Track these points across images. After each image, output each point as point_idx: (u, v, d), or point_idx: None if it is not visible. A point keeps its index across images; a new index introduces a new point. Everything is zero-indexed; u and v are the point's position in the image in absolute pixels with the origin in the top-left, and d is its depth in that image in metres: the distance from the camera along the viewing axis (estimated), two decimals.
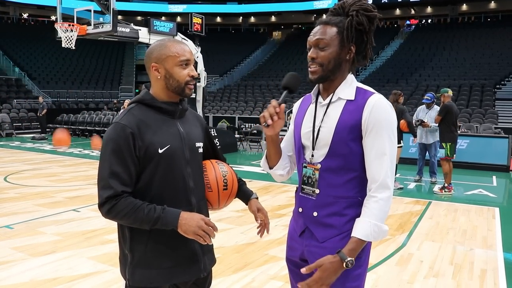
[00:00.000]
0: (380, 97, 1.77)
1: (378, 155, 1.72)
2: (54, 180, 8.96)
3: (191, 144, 1.94)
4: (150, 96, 1.90)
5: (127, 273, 1.88)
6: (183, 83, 1.87)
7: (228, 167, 2.09)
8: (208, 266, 2.01)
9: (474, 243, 5.27)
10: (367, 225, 1.69)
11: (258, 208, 2.11)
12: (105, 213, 1.77)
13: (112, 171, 1.74)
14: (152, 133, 1.82)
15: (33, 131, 20.46)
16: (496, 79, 23.23)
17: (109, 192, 1.73)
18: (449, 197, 7.88)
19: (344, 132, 1.74)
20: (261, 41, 40.90)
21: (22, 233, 5.34)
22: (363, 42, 1.80)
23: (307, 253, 1.87)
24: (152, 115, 1.86)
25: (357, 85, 1.82)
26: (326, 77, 1.81)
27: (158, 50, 1.87)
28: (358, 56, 1.83)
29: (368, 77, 27.75)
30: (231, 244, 4.99)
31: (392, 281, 4.07)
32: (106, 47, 35.21)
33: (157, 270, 1.85)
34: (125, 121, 1.79)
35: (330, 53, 1.77)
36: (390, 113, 1.75)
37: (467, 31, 32.65)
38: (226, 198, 2.04)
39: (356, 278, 1.78)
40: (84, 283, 3.89)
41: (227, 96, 27.39)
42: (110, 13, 10.97)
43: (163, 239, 1.84)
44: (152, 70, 1.87)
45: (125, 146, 1.76)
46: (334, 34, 1.77)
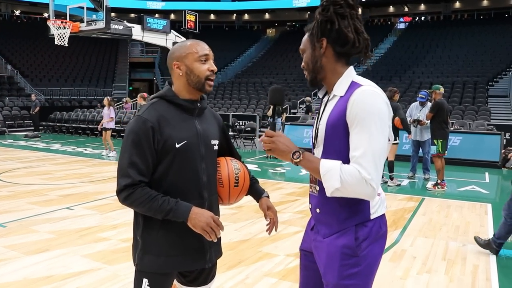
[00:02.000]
0: (365, 88, 1.71)
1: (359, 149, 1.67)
2: (47, 178, 8.92)
3: (206, 141, 2.04)
4: (172, 93, 2.01)
5: (136, 258, 2.01)
6: (203, 78, 1.98)
7: (242, 165, 2.19)
8: (214, 257, 2.12)
9: (466, 239, 5.30)
10: (334, 165, 1.68)
11: (268, 206, 2.23)
12: (122, 199, 1.87)
13: (131, 161, 1.85)
14: (171, 128, 1.92)
15: (26, 129, 20.35)
16: (489, 76, 23.35)
17: (127, 180, 1.84)
18: (442, 193, 7.92)
19: (334, 129, 1.76)
20: (255, 38, 40.83)
21: (15, 232, 5.31)
22: (332, 31, 1.77)
23: (314, 247, 1.95)
24: (172, 111, 1.97)
25: (353, 79, 1.80)
26: (314, 78, 1.88)
27: (179, 49, 2.00)
28: (336, 46, 1.79)
29: (362, 74, 27.49)
30: (225, 241, 4.98)
31: (385, 277, 4.09)
32: (100, 44, 35.02)
33: (165, 258, 1.96)
34: (147, 115, 1.90)
35: (306, 57, 1.87)
36: (373, 104, 1.68)
37: (460, 29, 32.78)
38: (237, 194, 2.14)
39: (353, 276, 1.78)
40: (78, 281, 3.88)
41: (221, 93, 27.35)
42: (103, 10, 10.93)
43: (173, 229, 1.94)
44: (174, 68, 1.99)
45: (144, 138, 1.87)
46: (306, 38, 1.88)
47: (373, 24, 39.28)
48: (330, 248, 1.82)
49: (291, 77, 27.81)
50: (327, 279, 1.83)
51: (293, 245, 4.79)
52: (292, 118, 17.37)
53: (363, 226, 1.80)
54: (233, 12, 42.86)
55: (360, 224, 1.80)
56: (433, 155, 8.12)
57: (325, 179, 1.68)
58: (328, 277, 1.82)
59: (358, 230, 1.79)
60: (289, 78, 27.79)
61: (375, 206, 1.83)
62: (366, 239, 1.79)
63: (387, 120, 1.71)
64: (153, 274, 1.97)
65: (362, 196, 1.68)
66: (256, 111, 20.99)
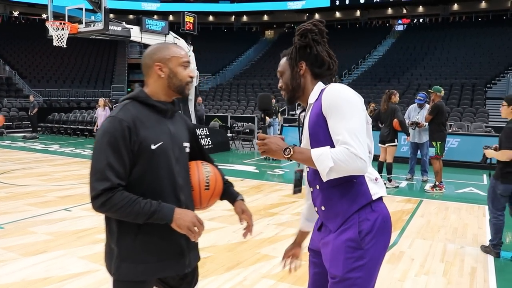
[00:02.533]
0: (332, 85, 1.90)
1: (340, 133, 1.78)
2: (45, 179, 8.90)
3: (179, 144, 2.01)
4: (144, 94, 1.97)
5: (113, 267, 1.91)
6: (184, 83, 1.98)
7: (213, 168, 2.14)
8: (193, 262, 2.05)
9: (464, 241, 5.31)
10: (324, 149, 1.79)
11: (243, 210, 2.17)
12: (99, 205, 1.78)
13: (108, 163, 1.78)
14: (146, 129, 1.88)
15: (24, 130, 20.32)
16: (487, 78, 23.40)
17: (106, 184, 1.76)
18: (440, 195, 7.93)
19: (315, 126, 1.90)
20: (253, 40, 40.89)
21: (13, 233, 5.30)
22: (310, 55, 1.98)
23: (322, 245, 2.02)
24: (145, 112, 1.93)
25: (321, 87, 1.97)
26: (292, 97, 2.06)
27: (161, 50, 1.97)
28: (314, 68, 2.00)
29: (360, 76, 27.84)
30: (223, 243, 5.00)
31: (383, 279, 4.09)
32: (98, 45, 34.99)
33: (143, 265, 1.89)
34: (121, 115, 1.85)
35: (285, 78, 2.05)
36: (340, 92, 1.84)
37: (458, 31, 32.86)
38: (208, 198, 2.10)
39: (358, 269, 1.85)
40: (76, 283, 3.88)
41: (220, 95, 27.36)
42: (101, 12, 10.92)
43: (151, 235, 1.89)
44: (156, 69, 1.95)
45: (121, 139, 1.81)
46: (284, 62, 2.06)
47: (371, 26, 39.37)
48: (335, 242, 1.90)
49: None
50: (332, 272, 1.89)
51: None
52: (290, 119, 17.37)
53: (366, 220, 1.87)
54: (231, 13, 42.92)
55: (363, 216, 1.87)
56: (431, 157, 8.13)
57: (319, 162, 1.77)
58: (334, 270, 1.88)
59: (362, 224, 1.87)
60: None
61: (374, 188, 1.92)
62: (370, 232, 1.87)
63: (358, 104, 1.85)
64: (131, 282, 1.89)
65: (356, 170, 1.76)
66: (255, 112, 20.98)
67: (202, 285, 3.85)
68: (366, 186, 1.90)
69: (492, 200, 4.80)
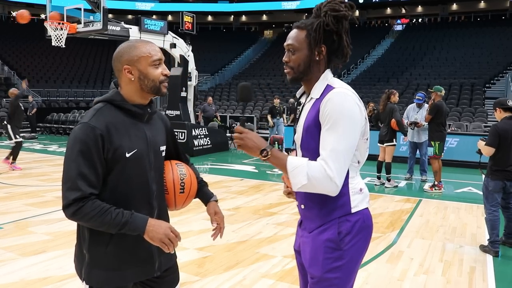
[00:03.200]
0: (337, 90, 1.78)
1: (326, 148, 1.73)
2: (44, 179, 8.90)
3: (155, 148, 1.96)
4: (120, 97, 1.88)
5: (83, 273, 1.88)
6: (158, 82, 1.87)
7: (188, 169, 2.11)
8: (164, 265, 2.02)
9: (463, 241, 5.32)
10: (301, 162, 1.74)
11: (215, 211, 2.16)
12: (70, 215, 1.74)
13: (80, 172, 1.72)
14: (121, 136, 1.81)
15: (23, 130, 20.27)
16: (486, 78, 23.42)
17: (77, 194, 1.71)
18: (439, 195, 7.94)
19: (309, 130, 1.83)
20: (252, 39, 40.87)
21: (12, 233, 5.30)
22: (334, 42, 1.85)
23: (301, 243, 2.00)
24: (121, 117, 1.85)
25: (328, 82, 1.86)
26: (299, 78, 1.92)
27: (128, 51, 1.85)
28: (332, 56, 1.88)
29: (359, 76, 27.85)
30: (222, 243, 4.99)
31: (383, 279, 4.10)
32: (97, 45, 34.97)
33: (114, 272, 1.87)
34: (94, 122, 1.77)
35: (299, 57, 1.86)
36: (343, 105, 1.74)
37: (457, 31, 32.89)
38: (183, 201, 2.07)
39: (336, 270, 1.83)
40: (74, 283, 3.87)
41: (219, 95, 27.35)
42: (100, 12, 10.91)
43: (123, 242, 1.85)
44: (125, 73, 1.84)
45: (94, 147, 1.74)
46: (303, 37, 1.85)
47: (370, 26, 39.38)
48: (315, 242, 1.88)
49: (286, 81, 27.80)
50: (311, 272, 1.88)
51: (290, 247, 4.78)
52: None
53: (346, 221, 1.84)
54: (230, 13, 42.89)
55: (343, 218, 1.84)
56: (430, 157, 8.13)
57: (292, 175, 1.73)
58: (313, 270, 1.87)
59: (341, 224, 1.84)
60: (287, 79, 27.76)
61: (355, 201, 1.87)
62: (349, 233, 1.84)
63: (357, 120, 1.77)
64: None
65: (326, 192, 1.74)
66: (254, 112, 20.99)
67: (201, 284, 3.86)
68: (348, 198, 1.85)
69: (486, 197, 4.94)
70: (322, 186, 1.72)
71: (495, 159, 4.86)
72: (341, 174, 1.73)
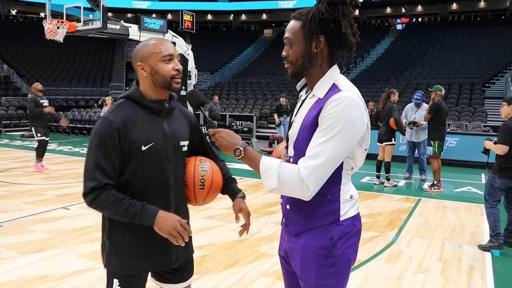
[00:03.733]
0: (344, 94, 1.65)
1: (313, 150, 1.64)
2: (44, 178, 8.89)
3: (175, 143, 2.00)
4: (139, 93, 1.97)
5: (104, 258, 2.01)
6: (169, 78, 1.93)
7: (212, 166, 2.11)
8: (181, 257, 2.08)
9: (462, 240, 5.32)
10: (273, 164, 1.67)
11: (240, 208, 2.15)
12: (88, 203, 1.86)
13: (97, 163, 1.83)
14: (137, 130, 1.89)
15: (22, 128, 20.27)
16: (485, 77, 23.41)
17: (93, 183, 1.82)
18: (439, 194, 7.94)
19: (306, 129, 1.72)
20: (252, 38, 40.83)
21: (11, 231, 5.30)
22: (333, 31, 1.69)
23: (288, 248, 1.91)
24: (139, 112, 1.94)
25: (334, 81, 1.73)
26: (299, 73, 1.79)
27: (141, 49, 1.96)
28: (333, 47, 1.73)
29: (359, 75, 27.85)
30: (221, 241, 5.00)
31: (381, 278, 4.10)
32: (96, 44, 34.93)
33: (130, 260, 1.96)
34: (112, 117, 1.87)
35: (296, 50, 1.74)
36: (344, 111, 1.62)
37: (457, 30, 32.88)
38: (203, 197, 2.08)
39: (330, 276, 1.77)
40: (74, 281, 3.88)
41: (218, 93, 27.31)
42: (100, 10, 10.89)
43: (139, 232, 1.93)
44: (139, 70, 1.95)
45: (110, 140, 1.84)
46: (298, 29, 1.72)
47: (370, 25, 39.36)
48: (305, 250, 1.79)
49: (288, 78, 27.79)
50: (304, 281, 1.81)
51: None
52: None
53: (336, 225, 1.77)
54: (230, 12, 42.84)
55: (333, 224, 1.76)
56: (430, 156, 8.14)
57: (264, 177, 1.68)
58: (306, 279, 1.80)
59: (332, 229, 1.76)
60: (286, 78, 27.62)
61: (345, 208, 1.79)
62: (341, 238, 1.77)
63: (356, 129, 1.66)
64: (122, 276, 1.97)
65: (297, 196, 1.67)
66: (253, 111, 20.98)
67: (201, 283, 3.86)
68: (338, 205, 1.77)
69: (489, 193, 5.05)
70: (293, 190, 1.65)
71: (505, 157, 4.91)
72: (318, 181, 1.63)
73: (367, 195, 7.69)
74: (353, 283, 3.90)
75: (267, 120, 20.14)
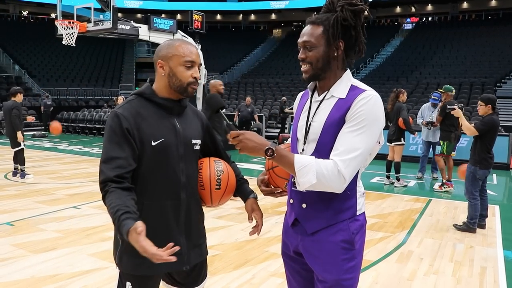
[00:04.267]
0: (370, 93, 1.75)
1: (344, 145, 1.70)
2: (55, 177, 8.96)
3: (186, 141, 1.97)
4: (150, 90, 1.96)
5: (117, 257, 1.96)
6: (185, 83, 1.91)
7: (226, 167, 2.10)
8: (193, 260, 2.04)
9: (474, 241, 5.27)
10: (309, 160, 1.70)
11: (253, 208, 2.12)
12: (102, 197, 1.79)
13: (107, 157, 1.80)
14: (147, 125, 1.87)
15: (33, 128, 20.45)
16: (497, 77, 23.20)
17: (101, 177, 1.79)
18: (449, 194, 7.88)
19: (331, 128, 1.76)
20: (261, 39, 40.85)
21: (23, 230, 5.34)
22: (352, 37, 1.79)
23: (302, 247, 1.91)
24: (150, 108, 1.93)
25: (352, 83, 1.82)
26: (317, 75, 1.84)
27: (166, 48, 1.93)
28: (349, 51, 1.83)
29: (368, 75, 27.74)
30: (231, 241, 5.00)
31: (392, 278, 4.07)
32: (106, 44, 35.15)
33: (140, 259, 1.83)
34: (122, 110, 1.87)
35: (317, 53, 1.79)
36: (372, 110, 1.72)
37: (467, 29, 32.61)
38: (219, 197, 2.05)
39: (350, 270, 1.82)
40: (85, 280, 3.90)
41: (227, 93, 27.37)
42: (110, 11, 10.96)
43: (149, 230, 1.83)
44: (158, 67, 1.93)
45: (119, 131, 1.82)
46: (319, 33, 1.79)
47: (379, 25, 39.18)
48: (327, 246, 1.82)
49: (297, 78, 27.77)
50: (325, 276, 1.82)
51: None
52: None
53: (354, 220, 1.83)
54: (239, 12, 42.90)
55: (352, 218, 1.83)
56: (436, 155, 8.12)
57: (301, 174, 1.69)
58: (327, 274, 1.82)
59: (351, 224, 1.82)
60: (296, 78, 27.76)
61: (360, 204, 1.87)
62: (358, 232, 1.84)
63: (380, 127, 1.76)
64: (134, 276, 1.92)
65: (333, 189, 1.71)
66: (263, 111, 20.99)
67: (210, 283, 3.86)
68: (355, 201, 1.84)
69: (473, 184, 5.54)
70: (330, 185, 1.69)
71: (487, 149, 5.48)
72: (352, 174, 1.70)
73: (377, 195, 7.65)
74: (363, 284, 3.88)
75: (276, 120, 20.12)
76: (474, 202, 5.51)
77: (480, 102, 5.53)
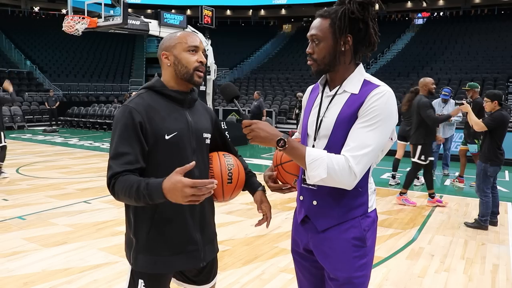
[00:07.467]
0: (384, 89, 1.72)
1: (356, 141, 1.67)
2: (65, 172, 9.02)
3: (198, 134, 1.95)
4: (160, 83, 1.93)
5: (131, 257, 1.92)
6: (191, 69, 1.88)
7: (236, 160, 2.09)
8: (208, 256, 2.03)
9: (485, 238, 5.22)
10: (321, 154, 1.67)
11: (261, 200, 2.11)
12: (110, 191, 1.74)
13: (116, 152, 1.76)
14: (160, 119, 1.83)
15: (45, 123, 20.62)
16: (509, 72, 22.90)
17: (110, 172, 1.75)
18: (460, 191, 7.81)
19: (343, 124, 1.73)
20: (271, 34, 40.73)
21: (34, 224, 5.39)
22: (361, 31, 1.74)
23: (312, 245, 1.89)
24: (161, 101, 1.89)
25: (365, 77, 1.79)
26: (324, 70, 1.81)
27: (168, 40, 1.93)
28: (359, 46, 1.78)
29: (379, 70, 27.54)
30: (241, 237, 5.00)
31: (403, 275, 4.05)
32: (116, 40, 35.29)
33: (157, 257, 1.87)
34: (133, 104, 1.82)
35: (324, 47, 1.75)
36: (387, 106, 1.69)
37: (479, 24, 32.21)
38: (231, 191, 2.04)
39: (362, 267, 1.80)
40: (95, 274, 3.92)
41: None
42: (120, 6, 10.98)
43: (164, 227, 1.86)
44: (163, 58, 1.91)
45: (131, 126, 1.77)
46: (326, 27, 1.74)
47: (390, 20, 38.85)
48: (339, 243, 1.80)
49: (307, 73, 27.67)
50: (337, 274, 1.80)
51: None
52: None
53: (366, 217, 1.82)
54: (249, 7, 42.79)
55: (363, 215, 1.81)
56: (473, 154, 8.04)
57: (311, 167, 1.66)
58: (339, 272, 1.80)
59: (362, 221, 1.81)
60: (305, 74, 27.66)
61: (371, 200, 1.85)
62: (370, 229, 1.83)
63: (393, 123, 1.73)
64: (147, 274, 1.89)
65: (343, 185, 1.68)
66: (272, 106, 20.94)
67: (220, 278, 3.86)
68: (367, 197, 1.82)
69: (484, 182, 5.50)
70: (340, 180, 1.66)
71: (496, 147, 5.39)
72: (363, 170, 1.68)
73: (387, 191, 7.60)
74: (374, 280, 3.85)
75: (286, 115, 20.08)
76: (485, 199, 5.47)
77: (486, 99, 5.47)
